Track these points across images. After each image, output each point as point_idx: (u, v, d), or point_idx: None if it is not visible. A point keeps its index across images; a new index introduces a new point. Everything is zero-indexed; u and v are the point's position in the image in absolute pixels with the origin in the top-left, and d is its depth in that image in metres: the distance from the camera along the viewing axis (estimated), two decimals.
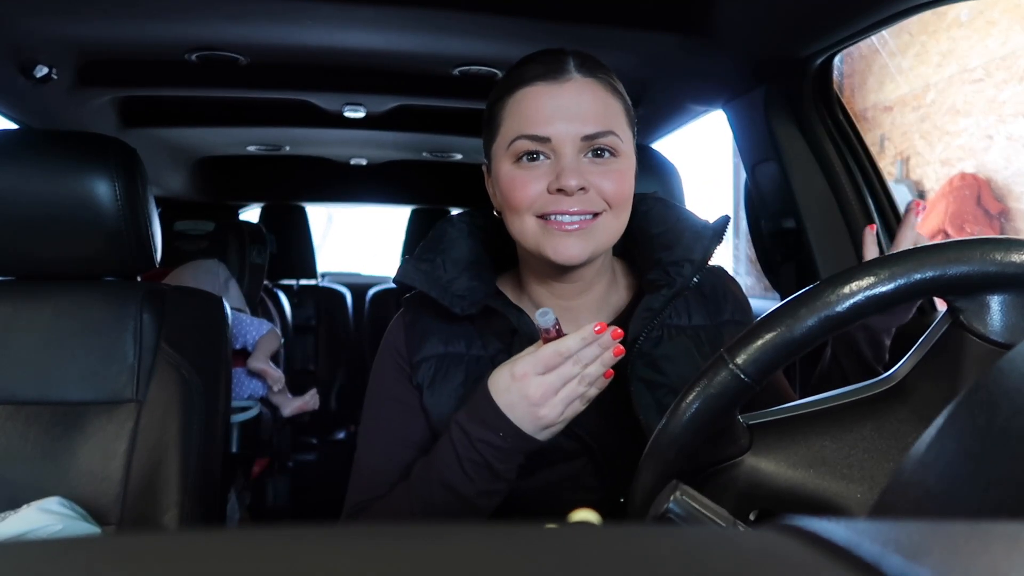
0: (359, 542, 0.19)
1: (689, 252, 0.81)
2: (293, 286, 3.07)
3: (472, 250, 0.85)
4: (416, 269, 0.82)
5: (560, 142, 0.74)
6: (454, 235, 0.85)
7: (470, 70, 1.41)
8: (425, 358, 0.83)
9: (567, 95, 0.75)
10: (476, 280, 0.82)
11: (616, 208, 0.76)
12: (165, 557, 0.18)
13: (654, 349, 0.81)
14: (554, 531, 0.20)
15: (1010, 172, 3.63)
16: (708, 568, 0.18)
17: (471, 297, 0.80)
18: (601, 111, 0.75)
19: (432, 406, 0.81)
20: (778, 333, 0.52)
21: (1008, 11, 3.52)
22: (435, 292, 0.80)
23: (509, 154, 0.76)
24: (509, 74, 0.79)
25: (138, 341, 1.08)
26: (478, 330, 0.83)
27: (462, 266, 0.82)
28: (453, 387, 0.81)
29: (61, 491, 1.00)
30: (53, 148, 1.04)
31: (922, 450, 0.30)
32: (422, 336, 0.84)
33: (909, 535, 0.19)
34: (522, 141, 0.75)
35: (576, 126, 0.74)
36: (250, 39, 1.26)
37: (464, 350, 0.83)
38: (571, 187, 0.72)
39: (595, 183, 0.74)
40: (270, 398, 2.26)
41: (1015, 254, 0.51)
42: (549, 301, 0.84)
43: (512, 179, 0.76)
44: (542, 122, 0.74)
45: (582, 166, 0.74)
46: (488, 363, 0.81)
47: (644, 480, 0.57)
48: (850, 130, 1.28)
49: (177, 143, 2.16)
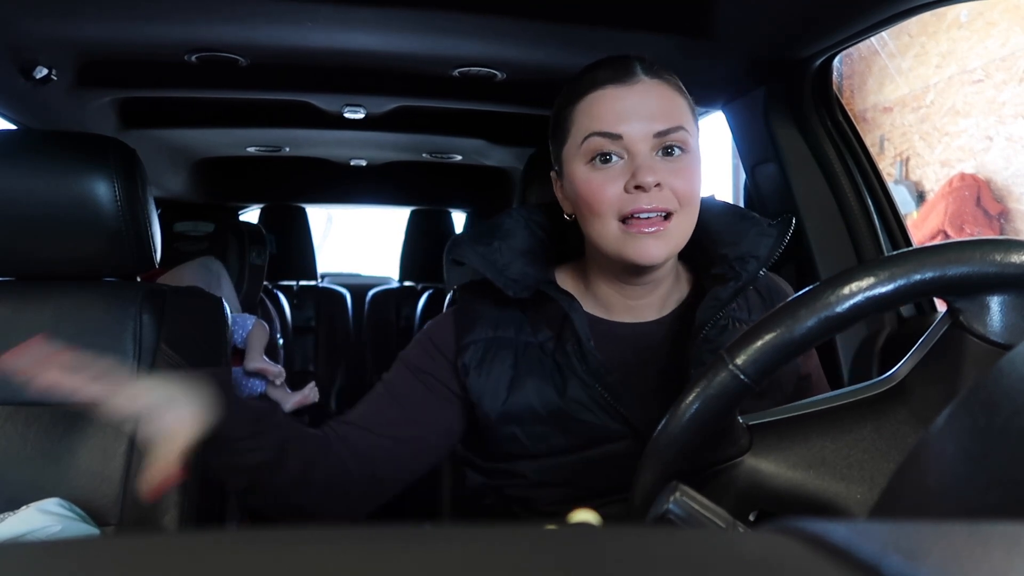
0: (359, 542, 0.19)
1: (755, 248, 0.83)
2: (293, 287, 3.07)
3: (528, 241, 0.87)
4: (474, 250, 0.84)
5: (632, 140, 0.76)
6: (511, 225, 0.87)
7: (470, 71, 1.41)
8: (474, 340, 0.84)
9: (637, 95, 0.77)
10: (531, 267, 0.84)
11: (686, 207, 0.78)
12: (165, 557, 0.18)
13: (719, 336, 0.82)
14: (554, 532, 0.20)
15: (1010, 173, 3.63)
16: (707, 569, 0.18)
17: (524, 281, 0.82)
18: (670, 108, 0.78)
19: (478, 387, 0.83)
20: (778, 334, 0.52)
21: (1008, 12, 3.52)
22: (491, 272, 0.82)
23: (582, 155, 0.78)
24: (577, 80, 0.82)
25: (138, 342, 1.08)
26: (529, 316, 0.85)
27: (518, 253, 0.85)
28: (503, 369, 0.83)
29: (61, 492, 1.00)
30: (53, 149, 1.04)
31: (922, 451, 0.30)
32: (472, 321, 0.85)
33: (909, 536, 0.19)
34: (595, 139, 0.77)
35: (647, 123, 0.76)
36: (250, 40, 1.26)
37: (513, 335, 0.84)
38: (648, 183, 0.74)
39: (668, 181, 0.76)
40: (270, 394, 2.25)
41: (1015, 255, 0.51)
42: (616, 300, 0.85)
43: (589, 181, 0.78)
44: (614, 120, 0.76)
45: (655, 163, 0.76)
46: (537, 349, 0.83)
47: (644, 480, 0.57)
48: (850, 131, 1.28)
49: (177, 144, 2.16)
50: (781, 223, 0.85)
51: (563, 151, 0.82)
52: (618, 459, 0.81)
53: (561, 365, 0.82)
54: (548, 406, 0.81)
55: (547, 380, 0.82)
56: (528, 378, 0.82)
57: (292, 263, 3.02)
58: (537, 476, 0.84)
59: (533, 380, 0.82)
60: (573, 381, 0.81)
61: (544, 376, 0.82)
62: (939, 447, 0.29)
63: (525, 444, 0.83)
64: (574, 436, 0.82)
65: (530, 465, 0.84)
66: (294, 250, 3.02)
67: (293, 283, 3.07)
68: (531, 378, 0.82)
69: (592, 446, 0.82)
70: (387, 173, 2.72)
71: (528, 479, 0.84)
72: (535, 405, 0.81)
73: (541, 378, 0.82)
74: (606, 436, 0.81)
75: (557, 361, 0.82)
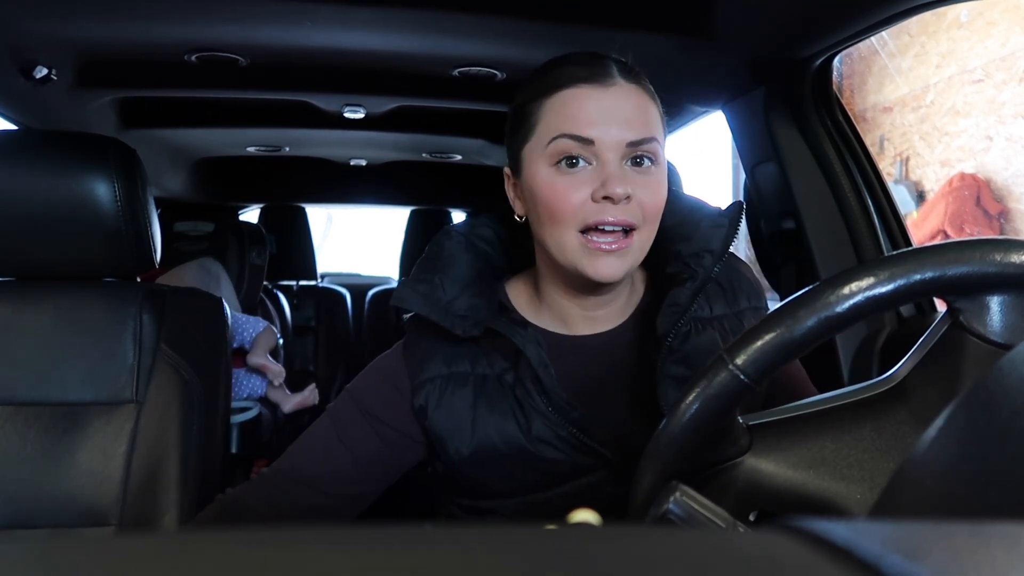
0: (359, 543, 0.19)
1: (708, 243, 0.79)
2: (293, 287, 3.07)
3: (472, 266, 0.82)
4: (414, 292, 0.78)
5: (604, 146, 0.72)
6: (452, 249, 0.82)
7: (469, 71, 1.41)
8: (429, 379, 0.79)
9: (612, 98, 0.73)
10: (479, 298, 0.79)
11: (649, 222, 0.75)
12: (165, 557, 0.18)
13: (683, 344, 0.78)
14: (554, 532, 0.20)
15: (1009, 173, 3.63)
16: (707, 569, 0.18)
17: (474, 317, 0.77)
18: (645, 117, 0.74)
19: (440, 428, 0.78)
20: (778, 334, 0.52)
21: (1008, 12, 3.52)
22: (435, 315, 0.76)
23: (547, 155, 0.73)
24: (546, 74, 0.76)
25: (138, 342, 1.08)
26: (483, 349, 0.80)
27: (463, 284, 0.79)
28: (464, 407, 0.78)
29: (61, 491, 1.00)
30: (53, 149, 1.04)
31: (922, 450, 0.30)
32: (423, 358, 0.81)
33: (909, 535, 0.19)
34: (564, 141, 0.72)
35: (622, 131, 0.72)
36: (250, 40, 1.26)
37: (469, 369, 0.79)
38: (618, 195, 0.70)
39: (636, 193, 0.72)
40: (269, 395, 2.25)
41: (1015, 255, 0.51)
42: (573, 311, 0.82)
43: (553, 185, 0.73)
44: (586, 123, 0.72)
45: (626, 174, 0.72)
46: (495, 381, 0.79)
47: (644, 481, 0.57)
48: (850, 131, 1.28)
49: (177, 144, 2.16)
50: (731, 209, 0.81)
51: (524, 148, 0.76)
52: (594, 490, 0.78)
53: (522, 401, 0.77)
54: (511, 445, 0.77)
55: (508, 417, 0.77)
56: (490, 416, 0.77)
57: (292, 263, 3.02)
58: (512, 515, 0.80)
59: (494, 418, 0.77)
60: (536, 420, 0.76)
61: (505, 413, 0.77)
62: (939, 447, 0.29)
63: (496, 485, 0.79)
64: (543, 475, 0.77)
65: (506, 503, 0.80)
66: (294, 250, 3.02)
67: (293, 283, 3.07)
68: (492, 416, 0.77)
69: (564, 482, 0.78)
70: (387, 173, 2.72)
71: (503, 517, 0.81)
72: (498, 445, 0.77)
73: (502, 415, 0.77)
74: (577, 471, 0.77)
75: (517, 396, 0.77)
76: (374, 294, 3.15)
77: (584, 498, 0.78)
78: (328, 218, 5.30)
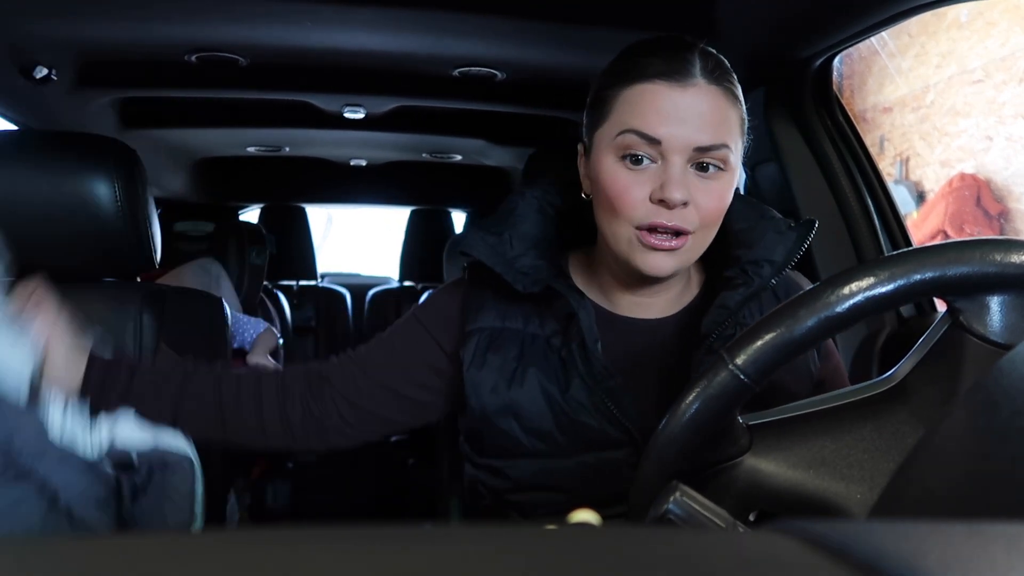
0: (359, 543, 0.19)
1: (770, 252, 0.79)
2: (293, 287, 3.07)
3: (541, 227, 0.83)
4: (483, 241, 0.81)
5: (671, 148, 0.71)
6: (524, 209, 0.84)
7: (470, 71, 1.41)
8: (479, 328, 0.82)
9: (688, 99, 0.71)
10: (542, 259, 0.81)
11: (705, 227, 0.74)
12: (165, 557, 0.18)
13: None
14: (554, 532, 0.20)
15: (1010, 173, 3.63)
16: (707, 569, 0.18)
17: (535, 275, 0.79)
18: (719, 122, 0.72)
19: (474, 381, 0.81)
20: (778, 334, 0.52)
21: (1008, 12, 3.52)
22: (499, 267, 0.79)
23: (614, 147, 0.73)
24: (627, 61, 0.75)
25: (138, 342, 1.08)
26: (537, 308, 0.82)
27: (529, 243, 0.81)
28: (505, 360, 0.80)
29: None
30: (53, 149, 1.04)
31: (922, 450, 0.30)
32: (479, 307, 0.83)
33: (909, 536, 0.19)
34: (631, 136, 0.72)
35: (691, 134, 0.71)
36: (250, 40, 1.26)
37: (521, 326, 0.82)
38: (675, 200, 0.70)
39: (697, 199, 0.72)
40: None
41: (1015, 255, 0.51)
42: (623, 295, 0.83)
43: (615, 179, 0.73)
44: (656, 122, 0.71)
45: (688, 178, 0.72)
46: (543, 342, 0.81)
47: (644, 480, 0.57)
48: (850, 131, 1.28)
49: (177, 144, 2.16)
50: (802, 226, 0.81)
51: (596, 132, 0.77)
52: (617, 466, 0.79)
53: (566, 362, 0.80)
54: (549, 400, 0.80)
55: (551, 375, 0.80)
56: (532, 371, 0.80)
57: (292, 263, 3.02)
58: (533, 479, 0.82)
59: (537, 373, 0.80)
60: (576, 380, 0.79)
61: (548, 371, 0.80)
62: (939, 447, 0.29)
63: (521, 440, 0.81)
64: (571, 437, 0.80)
65: (526, 466, 0.82)
66: (294, 250, 3.02)
67: (293, 283, 3.07)
68: (535, 371, 0.80)
69: (590, 450, 0.80)
70: (387, 173, 2.72)
71: (524, 481, 0.82)
72: (537, 398, 0.80)
73: (545, 372, 0.80)
74: (604, 442, 0.79)
75: (562, 358, 0.80)
76: (374, 294, 3.15)
77: (603, 473, 0.79)
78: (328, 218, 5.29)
